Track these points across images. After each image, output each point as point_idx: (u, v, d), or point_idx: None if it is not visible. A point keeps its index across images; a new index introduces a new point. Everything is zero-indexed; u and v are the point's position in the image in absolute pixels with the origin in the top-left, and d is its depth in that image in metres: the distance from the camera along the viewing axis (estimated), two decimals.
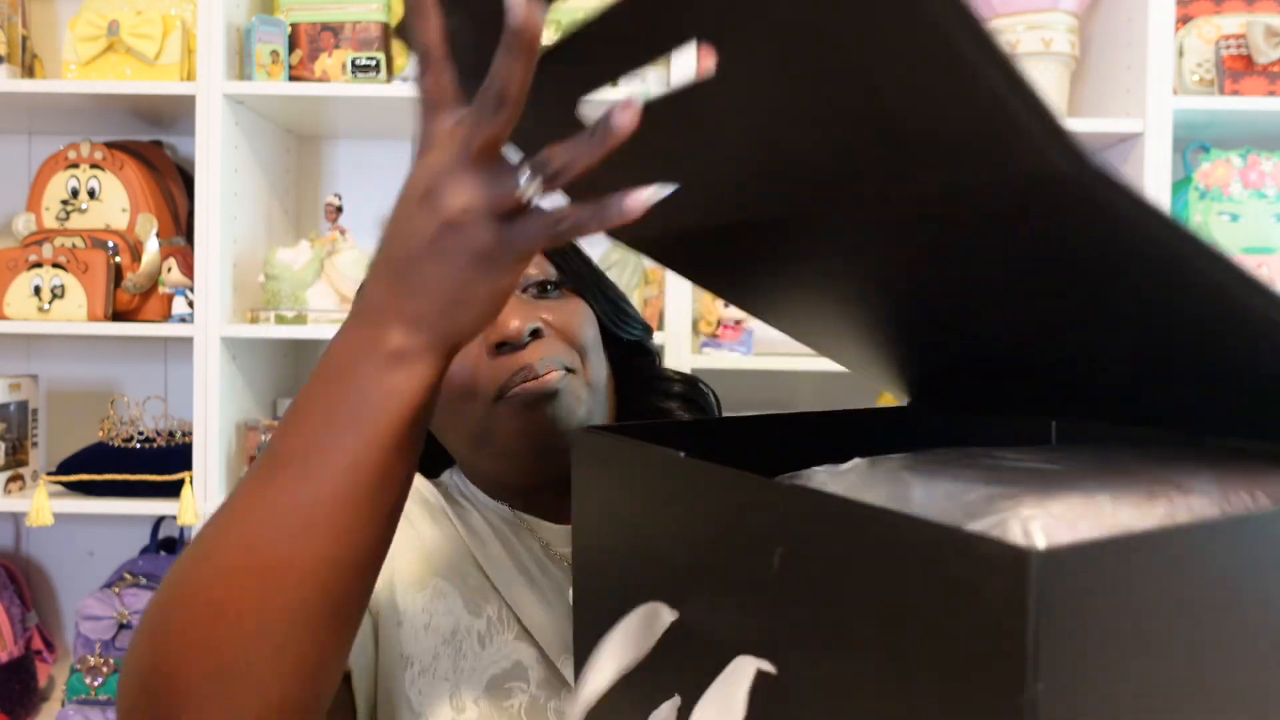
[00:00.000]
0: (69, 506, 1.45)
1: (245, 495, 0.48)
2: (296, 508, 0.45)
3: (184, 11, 1.50)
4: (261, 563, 0.45)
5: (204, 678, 0.44)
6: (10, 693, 1.56)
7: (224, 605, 0.44)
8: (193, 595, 0.45)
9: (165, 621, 0.45)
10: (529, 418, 0.67)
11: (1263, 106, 1.44)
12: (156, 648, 0.45)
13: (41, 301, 1.46)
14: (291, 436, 0.47)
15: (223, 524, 0.48)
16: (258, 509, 0.46)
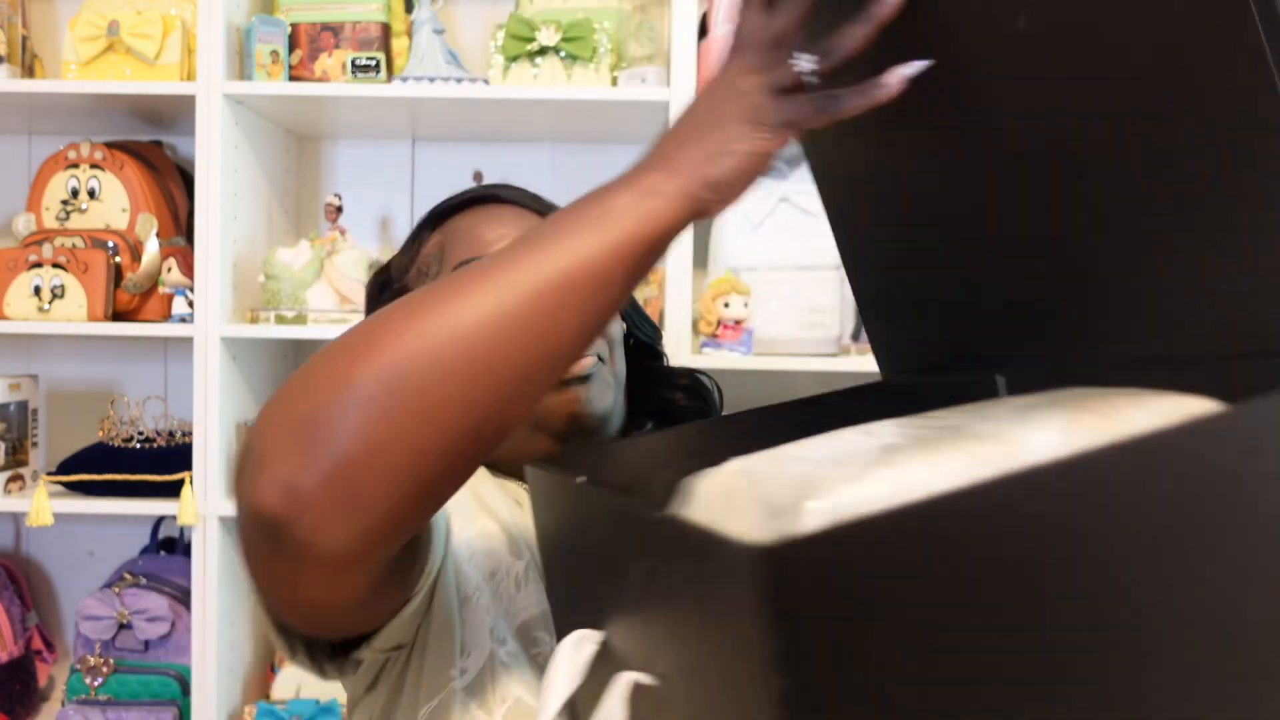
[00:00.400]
0: (69, 506, 1.45)
1: (478, 270, 0.47)
2: (530, 279, 0.46)
3: (184, 11, 1.50)
4: (488, 324, 0.45)
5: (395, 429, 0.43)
6: (10, 693, 1.56)
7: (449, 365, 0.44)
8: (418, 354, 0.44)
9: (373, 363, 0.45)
10: (561, 395, 0.69)
11: None
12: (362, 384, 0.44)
13: (41, 301, 1.46)
14: (545, 225, 0.49)
15: (450, 290, 0.47)
16: (489, 273, 0.46)
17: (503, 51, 1.47)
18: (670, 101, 1.43)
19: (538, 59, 1.46)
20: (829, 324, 1.54)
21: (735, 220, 1.56)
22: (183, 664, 1.49)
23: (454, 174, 1.73)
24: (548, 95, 1.44)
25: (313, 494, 0.42)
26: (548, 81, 1.46)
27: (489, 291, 0.45)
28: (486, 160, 1.72)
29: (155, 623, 1.48)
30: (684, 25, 1.44)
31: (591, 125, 1.61)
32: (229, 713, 1.49)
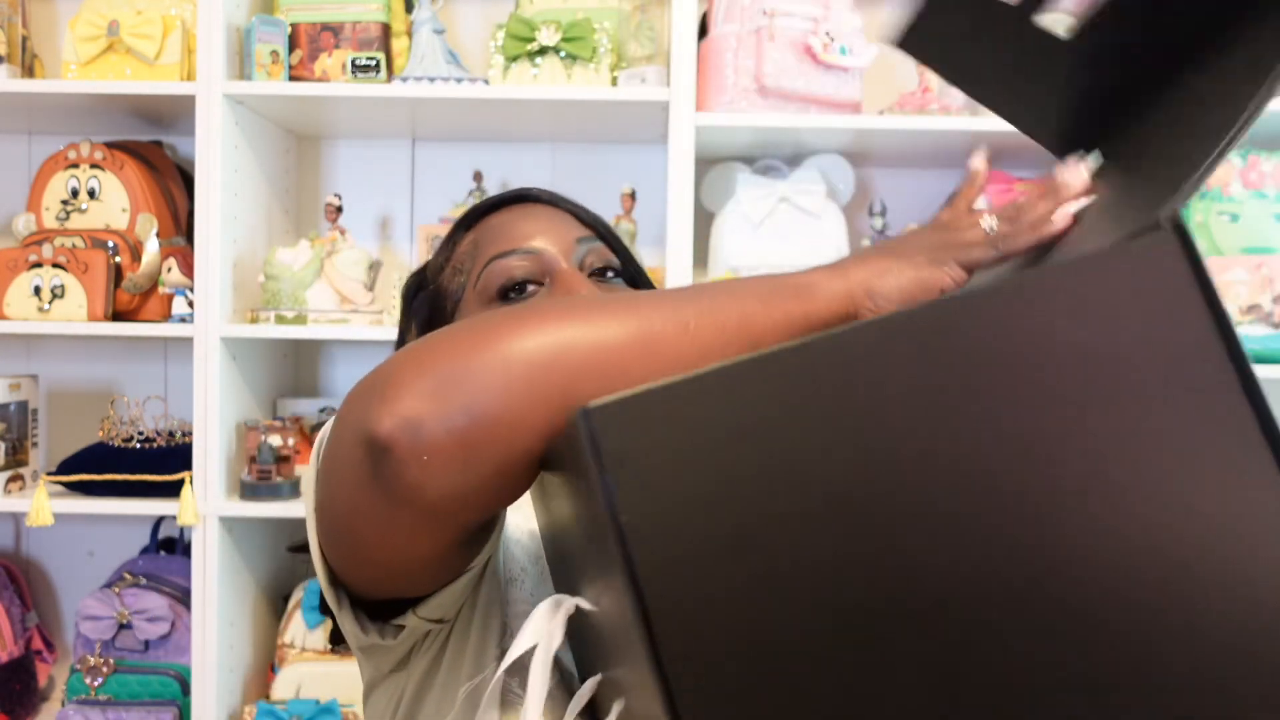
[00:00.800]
0: (69, 506, 1.45)
1: (652, 296, 0.50)
2: (692, 315, 0.48)
3: (184, 11, 1.50)
4: (626, 337, 0.47)
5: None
6: (10, 692, 1.56)
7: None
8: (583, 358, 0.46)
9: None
10: None
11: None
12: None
13: (41, 301, 1.46)
14: (706, 286, 0.51)
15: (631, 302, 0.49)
16: (665, 306, 0.48)
17: (503, 51, 1.47)
18: (670, 101, 1.43)
19: (538, 59, 1.46)
20: None
21: (735, 220, 1.56)
22: (183, 664, 1.49)
23: (454, 174, 1.73)
24: (548, 95, 1.44)
25: (436, 440, 0.43)
26: (548, 81, 1.46)
27: (658, 314, 0.47)
28: (486, 160, 1.72)
29: (155, 623, 1.48)
30: (684, 25, 1.44)
31: (591, 125, 1.61)
32: (229, 713, 1.49)
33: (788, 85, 1.45)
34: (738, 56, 1.46)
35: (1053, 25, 0.57)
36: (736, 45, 1.46)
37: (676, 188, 1.43)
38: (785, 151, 1.62)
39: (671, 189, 1.43)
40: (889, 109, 1.52)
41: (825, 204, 1.56)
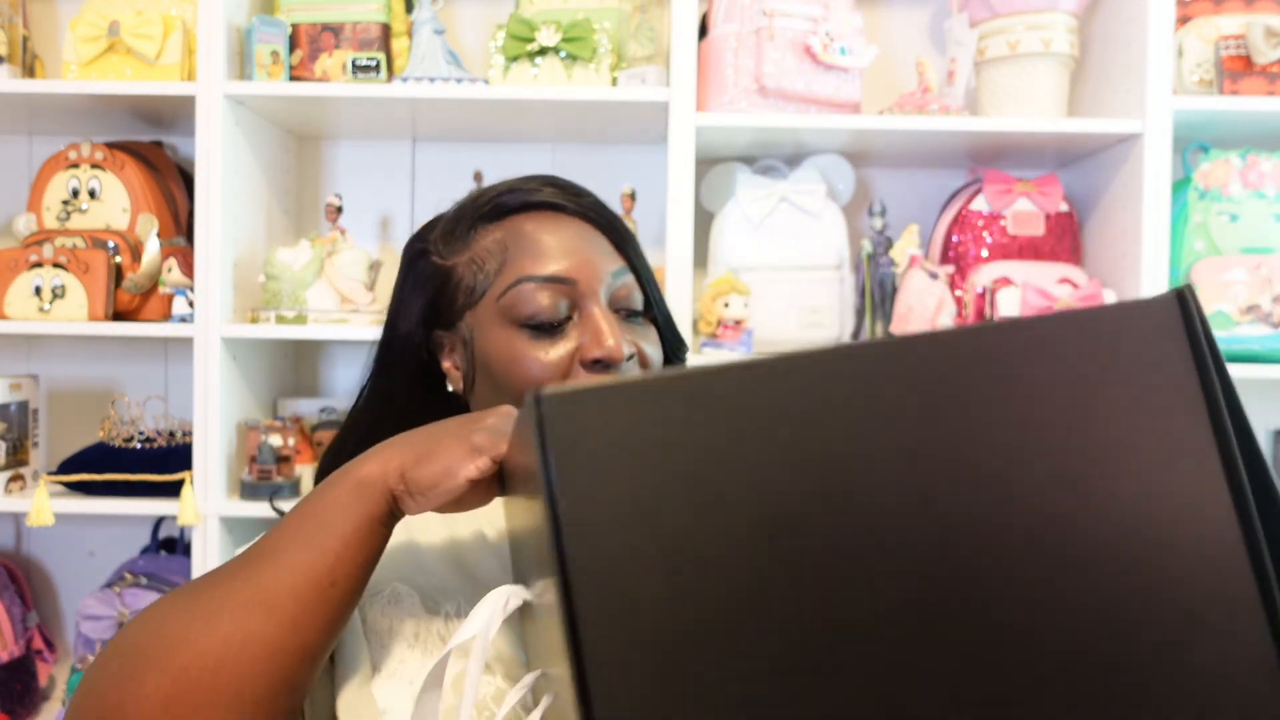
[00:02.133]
0: (69, 506, 1.45)
1: (214, 582, 0.55)
2: (261, 595, 0.53)
3: (184, 12, 1.50)
4: (223, 640, 0.52)
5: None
6: (11, 692, 1.56)
7: (186, 684, 0.51)
8: (157, 659, 0.51)
9: (127, 676, 0.51)
10: None
11: (1262, 107, 1.44)
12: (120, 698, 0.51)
13: (42, 301, 1.46)
14: (270, 537, 0.56)
15: (189, 616, 0.53)
16: (227, 592, 0.53)
17: (503, 52, 1.47)
18: (670, 101, 1.43)
19: (538, 59, 1.46)
20: (829, 324, 1.54)
21: (735, 220, 1.56)
22: None
23: (454, 174, 1.73)
24: (548, 95, 1.44)
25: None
26: (548, 82, 1.46)
27: (228, 615, 0.52)
28: (486, 160, 1.72)
29: None
30: (684, 25, 1.44)
31: (591, 125, 1.61)
32: None
33: (788, 85, 1.45)
34: (738, 56, 1.46)
35: None
36: (736, 45, 1.46)
37: (676, 188, 1.43)
38: (785, 151, 1.62)
39: (671, 189, 1.43)
40: (889, 109, 1.52)
41: (825, 204, 1.56)
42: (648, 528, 0.34)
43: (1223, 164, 1.48)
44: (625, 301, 0.74)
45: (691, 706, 0.33)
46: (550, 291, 0.71)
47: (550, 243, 0.73)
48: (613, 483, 0.34)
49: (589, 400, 0.35)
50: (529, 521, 0.42)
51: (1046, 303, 1.46)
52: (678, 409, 0.35)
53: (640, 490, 0.34)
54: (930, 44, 1.74)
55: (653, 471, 0.35)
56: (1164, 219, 1.44)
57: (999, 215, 1.59)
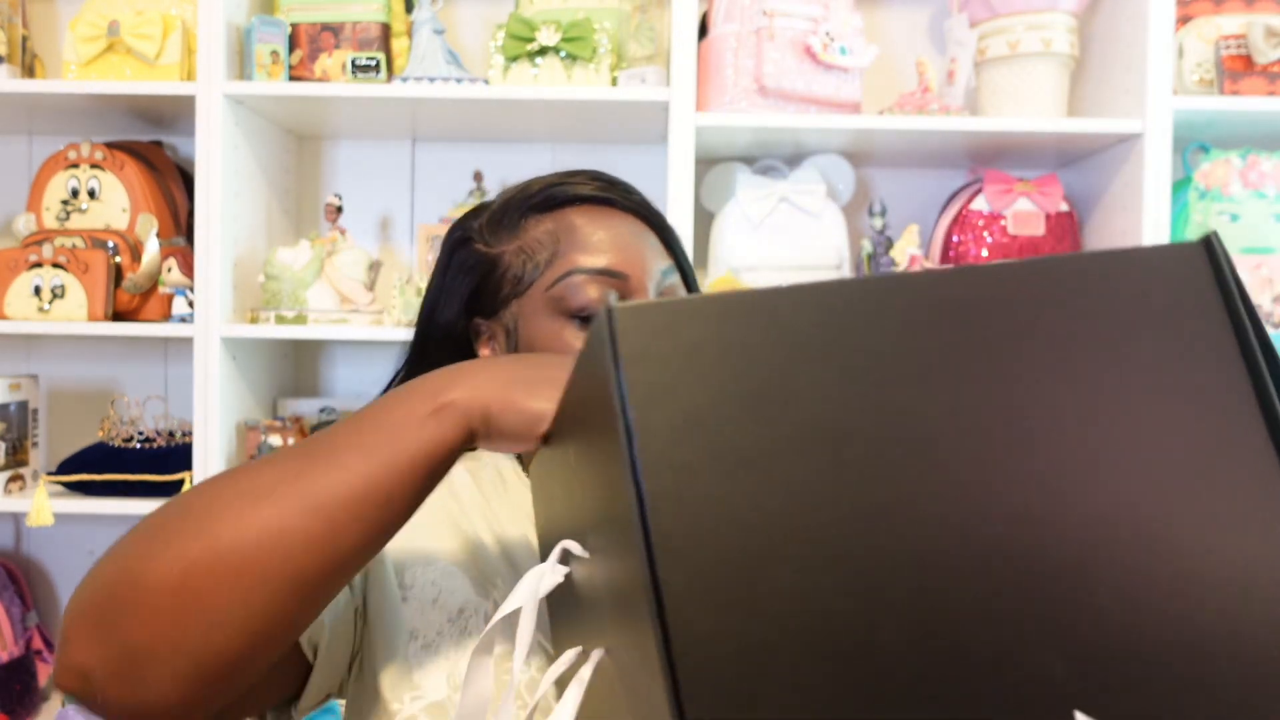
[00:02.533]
0: (69, 506, 1.45)
1: (265, 468, 0.52)
2: (313, 493, 0.50)
3: (184, 11, 1.50)
4: (262, 526, 0.49)
5: (171, 617, 0.48)
6: (10, 692, 1.56)
7: (219, 576, 0.48)
8: (199, 552, 0.49)
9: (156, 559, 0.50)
10: None
11: (1262, 106, 1.44)
12: (146, 563, 0.50)
13: (42, 301, 1.46)
14: (335, 434, 0.53)
15: (235, 493, 0.51)
16: (277, 482, 0.51)
17: (503, 51, 1.47)
18: (670, 101, 1.43)
19: (538, 59, 1.46)
20: None
21: (735, 220, 1.56)
22: None
23: (454, 174, 1.73)
24: (548, 95, 1.44)
25: (103, 680, 0.47)
26: (548, 81, 1.46)
27: (273, 503, 0.49)
28: (486, 160, 1.72)
29: None
30: (684, 25, 1.44)
31: (592, 125, 1.61)
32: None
33: (788, 85, 1.45)
34: (738, 56, 1.46)
35: None
36: (736, 45, 1.46)
37: (676, 188, 1.43)
38: (785, 151, 1.62)
39: (671, 189, 1.43)
40: (889, 109, 1.52)
41: (825, 204, 1.56)
42: (715, 435, 0.35)
43: (1223, 164, 1.48)
44: (666, 287, 0.75)
45: (766, 616, 0.33)
46: (601, 284, 0.72)
47: (603, 236, 0.74)
48: (680, 390, 0.35)
49: (658, 314, 0.36)
50: (582, 463, 0.43)
51: None
52: (741, 324, 0.36)
53: (707, 399, 0.35)
54: (930, 44, 1.74)
55: (718, 381, 0.35)
56: (1164, 219, 1.44)
57: (999, 215, 1.59)
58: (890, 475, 0.35)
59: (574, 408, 0.44)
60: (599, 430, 0.38)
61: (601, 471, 0.38)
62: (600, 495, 0.39)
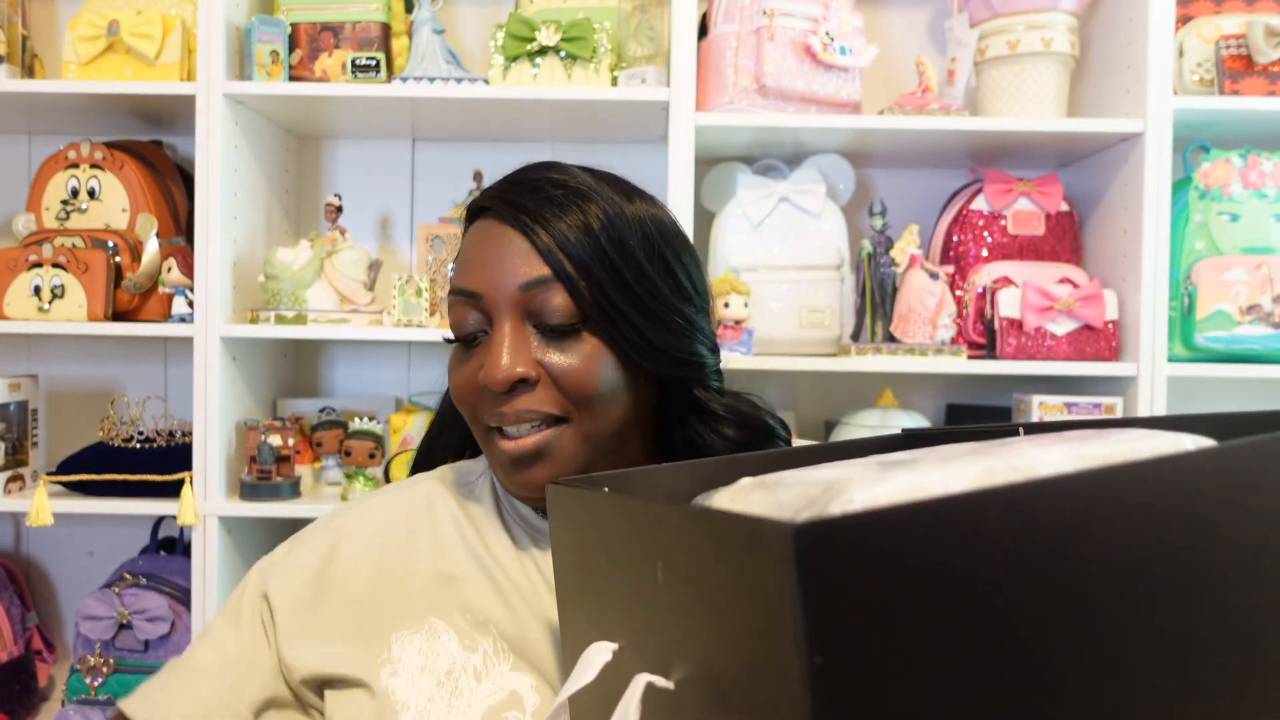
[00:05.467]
0: (69, 506, 1.45)
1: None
2: None
3: (184, 11, 1.50)
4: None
5: None
6: (10, 693, 1.56)
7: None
8: None
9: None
10: (514, 472, 0.70)
11: (1263, 106, 1.44)
12: None
13: (41, 301, 1.46)
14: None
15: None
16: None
17: (503, 51, 1.47)
18: (670, 101, 1.43)
19: (538, 59, 1.46)
20: (829, 324, 1.54)
21: (735, 220, 1.56)
22: None
23: (454, 174, 1.73)
24: (548, 95, 1.44)
25: None
26: (548, 81, 1.46)
27: None
28: (486, 160, 1.72)
29: (155, 622, 1.48)
30: (684, 25, 1.44)
31: (591, 125, 1.61)
32: None
33: (788, 85, 1.45)
34: (738, 56, 1.46)
35: None
36: (736, 45, 1.46)
37: (676, 188, 1.43)
38: (785, 151, 1.62)
39: (671, 189, 1.43)
40: (889, 109, 1.52)
41: (825, 204, 1.56)
42: (908, 678, 0.31)
43: (1223, 164, 1.48)
44: (539, 316, 0.68)
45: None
46: (462, 305, 0.71)
47: (473, 253, 0.71)
48: (873, 628, 0.31)
49: (852, 531, 0.31)
50: (691, 599, 0.39)
51: (1047, 302, 1.46)
52: (945, 536, 0.32)
53: (902, 633, 0.31)
54: (930, 44, 1.74)
55: (916, 608, 0.31)
56: (1164, 219, 1.44)
57: (999, 215, 1.59)
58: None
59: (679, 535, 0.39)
60: (757, 634, 0.33)
61: (734, 629, 0.35)
62: (729, 654, 0.35)
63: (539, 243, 0.68)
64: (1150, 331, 1.43)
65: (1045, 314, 1.46)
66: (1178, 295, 1.47)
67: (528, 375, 0.67)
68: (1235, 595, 0.36)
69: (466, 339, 0.71)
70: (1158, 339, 1.43)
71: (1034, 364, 1.45)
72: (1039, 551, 0.33)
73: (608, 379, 0.68)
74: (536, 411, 0.67)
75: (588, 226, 0.68)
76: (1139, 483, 0.35)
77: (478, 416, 0.70)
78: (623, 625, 0.46)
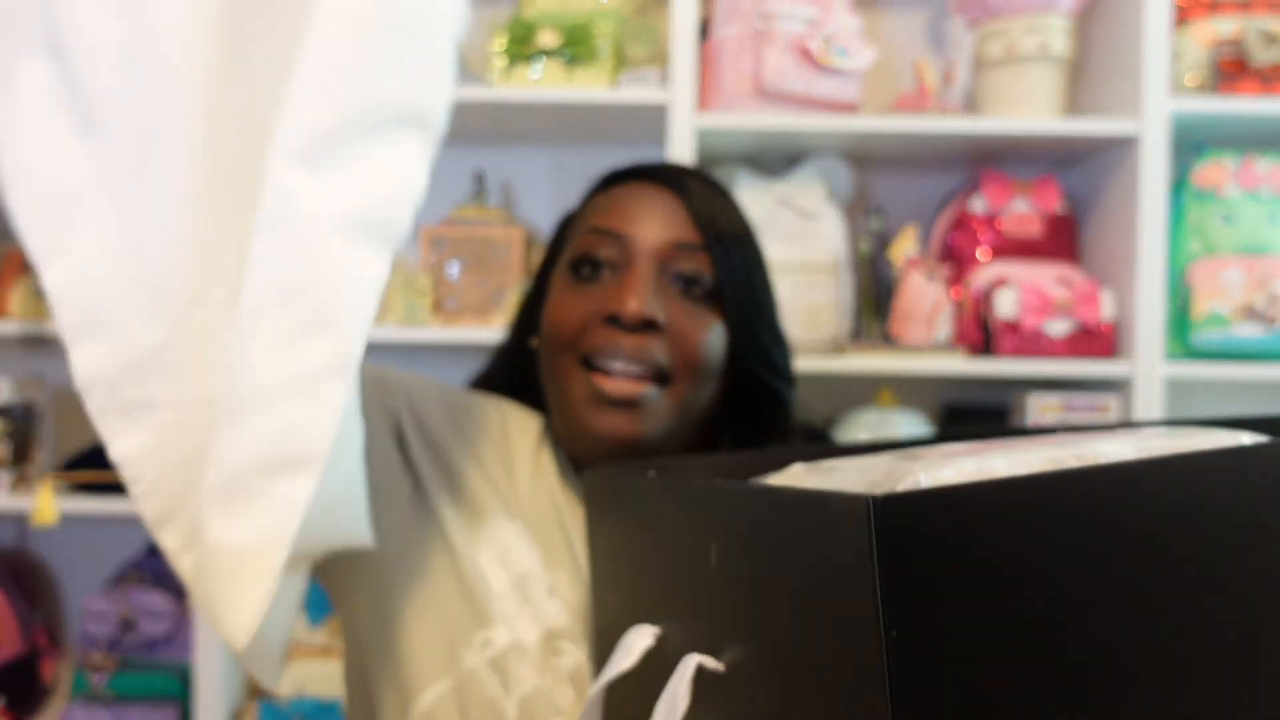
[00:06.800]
0: (74, 505, 1.46)
1: None
2: None
3: None
4: None
5: None
6: (16, 690, 1.57)
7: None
8: None
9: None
10: (602, 412, 0.68)
11: (1257, 108, 1.45)
12: None
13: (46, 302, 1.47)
14: None
15: None
16: None
17: (504, 53, 1.48)
18: (670, 103, 1.44)
19: (538, 61, 1.47)
20: (829, 324, 1.55)
21: None
22: (186, 661, 1.50)
23: (454, 175, 1.74)
24: (548, 97, 1.45)
25: None
26: (549, 83, 1.47)
27: None
28: (487, 161, 1.73)
29: (159, 620, 1.50)
30: (684, 27, 1.45)
31: (592, 127, 1.62)
32: (231, 710, 1.50)
33: (787, 87, 1.46)
34: (738, 59, 1.47)
35: None
36: (736, 48, 1.47)
37: None
38: (784, 153, 1.63)
39: None
40: (888, 111, 1.53)
41: (824, 205, 1.57)
42: (978, 655, 0.32)
43: (1218, 165, 1.49)
44: (679, 273, 0.71)
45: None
46: (597, 239, 0.72)
47: (623, 204, 0.74)
48: (944, 602, 0.32)
49: (922, 507, 0.32)
50: (743, 584, 0.40)
51: (1044, 303, 1.47)
52: (1011, 516, 0.33)
53: (972, 608, 0.33)
54: (928, 46, 1.75)
55: (983, 584, 0.32)
56: (1161, 220, 1.45)
57: (997, 216, 1.60)
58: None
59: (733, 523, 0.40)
60: (827, 608, 0.34)
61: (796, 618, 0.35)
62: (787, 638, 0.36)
63: (698, 212, 0.72)
64: (1146, 332, 1.44)
65: (1042, 314, 1.47)
66: (1174, 296, 1.48)
67: (657, 318, 0.68)
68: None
69: (589, 266, 0.71)
70: (1154, 339, 1.44)
71: (1031, 364, 1.47)
72: (1104, 536, 0.33)
73: (716, 352, 0.71)
74: (648, 356, 0.68)
75: (739, 216, 0.75)
76: (1202, 472, 0.36)
77: (575, 346, 0.70)
78: (665, 609, 0.47)
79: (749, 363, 0.74)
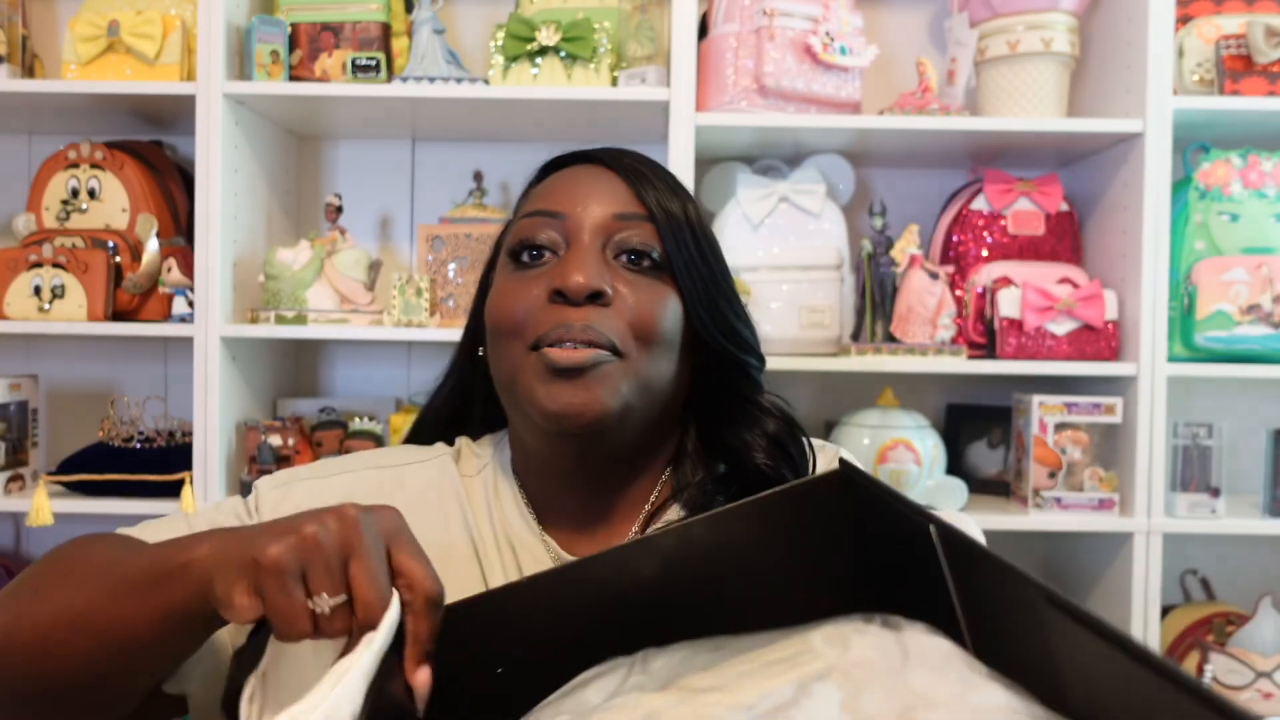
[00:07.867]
0: (69, 506, 1.45)
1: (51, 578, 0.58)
2: (70, 604, 0.54)
3: (184, 11, 1.50)
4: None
5: None
6: None
7: None
8: None
9: None
10: (553, 383, 0.66)
11: (1263, 106, 1.44)
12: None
13: (41, 301, 1.46)
14: (107, 565, 0.56)
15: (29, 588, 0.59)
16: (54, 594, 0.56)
17: (503, 51, 1.47)
18: (670, 101, 1.43)
19: (538, 59, 1.46)
20: (829, 324, 1.54)
21: (735, 220, 1.56)
22: None
23: (454, 174, 1.73)
24: (548, 95, 1.44)
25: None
26: (548, 81, 1.46)
27: (83, 594, 0.54)
28: (487, 160, 1.72)
29: None
30: (684, 25, 1.44)
31: (592, 125, 1.61)
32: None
33: (788, 85, 1.45)
34: (738, 56, 1.46)
35: None
36: (737, 45, 1.46)
37: None
38: (785, 151, 1.62)
39: None
40: (888, 109, 1.52)
41: (825, 204, 1.56)
42: None
43: (1223, 164, 1.48)
44: (624, 245, 0.69)
45: None
46: (536, 222, 0.70)
47: (560, 185, 0.73)
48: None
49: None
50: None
51: (1047, 302, 1.46)
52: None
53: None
54: (930, 44, 1.74)
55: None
56: (1164, 219, 1.44)
57: (999, 215, 1.59)
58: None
59: None
60: None
61: None
62: None
63: (638, 187, 0.72)
64: (1150, 331, 1.43)
65: (1045, 314, 1.46)
66: (1178, 295, 1.47)
67: (604, 289, 0.67)
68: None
69: (530, 252, 0.70)
70: (1158, 339, 1.43)
71: (1034, 364, 1.46)
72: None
73: (671, 323, 0.70)
74: (599, 332, 0.66)
75: (680, 189, 0.75)
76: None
77: (521, 333, 0.68)
78: None
79: (710, 335, 0.73)
